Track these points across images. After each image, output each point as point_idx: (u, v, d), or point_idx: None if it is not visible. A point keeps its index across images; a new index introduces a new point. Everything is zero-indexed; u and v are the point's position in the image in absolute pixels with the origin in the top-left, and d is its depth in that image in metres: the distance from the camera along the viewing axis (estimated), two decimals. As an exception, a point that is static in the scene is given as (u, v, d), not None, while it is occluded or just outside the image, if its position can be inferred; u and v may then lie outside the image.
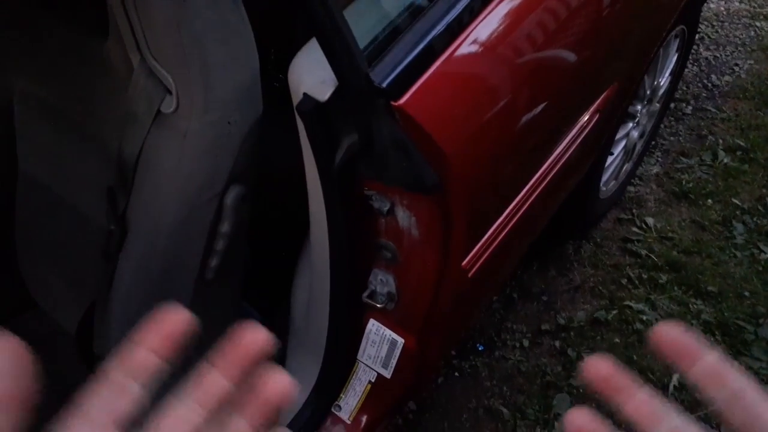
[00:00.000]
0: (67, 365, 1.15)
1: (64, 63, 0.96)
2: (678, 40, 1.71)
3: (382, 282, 1.01)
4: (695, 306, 1.65)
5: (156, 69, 0.78)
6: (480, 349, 1.59)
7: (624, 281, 1.72)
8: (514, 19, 0.95)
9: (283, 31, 1.29)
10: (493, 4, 0.92)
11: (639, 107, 1.69)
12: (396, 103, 0.77)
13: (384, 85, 0.76)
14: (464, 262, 0.97)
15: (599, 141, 1.42)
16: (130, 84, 0.81)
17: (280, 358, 1.25)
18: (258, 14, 0.89)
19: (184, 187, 0.82)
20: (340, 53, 0.74)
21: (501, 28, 0.93)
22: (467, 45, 0.88)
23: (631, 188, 1.93)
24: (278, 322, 1.30)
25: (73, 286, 1.06)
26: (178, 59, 0.76)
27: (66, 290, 1.08)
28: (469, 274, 0.98)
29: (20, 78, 1.03)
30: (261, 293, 1.32)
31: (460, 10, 0.86)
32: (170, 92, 0.79)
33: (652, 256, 1.75)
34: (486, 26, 0.91)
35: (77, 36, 0.92)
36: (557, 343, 1.61)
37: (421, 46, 0.81)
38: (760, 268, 1.72)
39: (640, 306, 1.66)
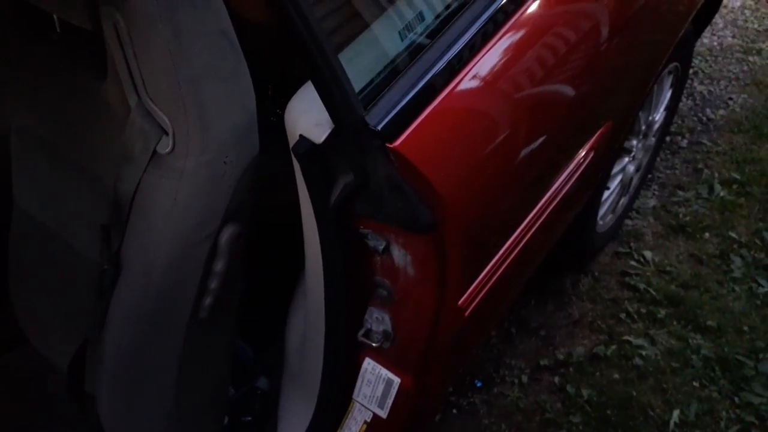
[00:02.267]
0: (57, 403, 1.13)
1: (62, 101, 0.96)
2: (672, 76, 1.73)
3: (378, 320, 1.00)
4: (694, 341, 1.64)
5: (152, 110, 0.79)
6: (478, 385, 1.57)
7: (623, 315, 1.71)
8: (508, 60, 0.97)
9: (281, 68, 1.30)
10: (486, 47, 0.93)
11: (635, 142, 1.70)
12: (391, 145, 0.77)
13: (379, 127, 0.77)
14: (461, 301, 0.96)
15: (596, 176, 1.42)
16: (127, 124, 0.82)
17: (273, 396, 1.23)
18: (256, 52, 0.90)
19: (179, 227, 0.81)
20: (336, 96, 0.74)
21: (495, 69, 0.94)
22: (461, 86, 0.89)
23: (628, 222, 1.93)
24: (272, 359, 1.28)
25: (65, 323, 1.05)
26: (174, 100, 0.76)
27: (58, 327, 1.07)
28: (466, 313, 0.97)
29: (18, 114, 1.03)
30: (255, 330, 1.31)
31: (453, 54, 0.88)
32: (166, 133, 0.79)
33: (651, 290, 1.74)
34: (480, 67, 0.92)
35: (76, 75, 0.93)
36: (556, 379, 1.59)
37: (416, 89, 0.82)
38: (759, 303, 1.71)
39: (640, 341, 1.65)
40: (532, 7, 1.01)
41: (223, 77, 0.79)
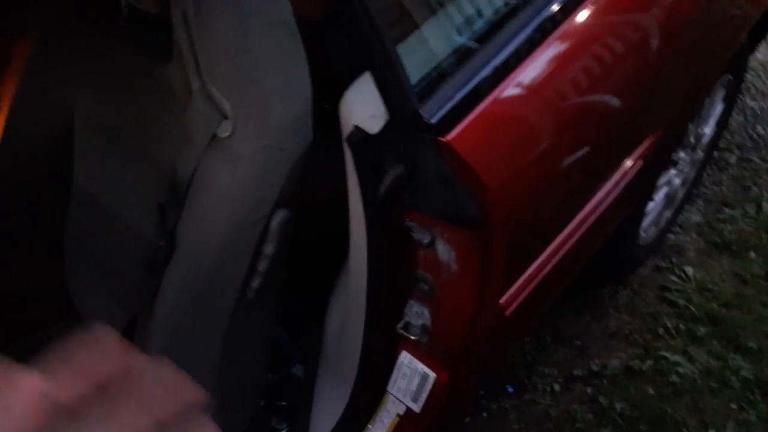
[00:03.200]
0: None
1: (125, 84, 1.01)
2: (724, 89, 1.70)
3: (417, 314, 1.02)
4: (734, 361, 1.60)
5: (214, 94, 0.82)
6: (509, 390, 1.56)
7: (660, 331, 1.68)
8: (562, 64, 0.97)
9: (329, 63, 1.33)
10: (540, 49, 0.94)
11: (682, 154, 1.67)
12: (443, 139, 0.79)
13: (433, 120, 0.78)
14: (502, 300, 0.97)
15: (641, 186, 1.41)
16: (189, 107, 0.85)
17: (308, 382, 1.25)
18: (306, 46, 0.93)
19: (234, 209, 0.84)
20: (393, 88, 0.76)
21: (548, 72, 0.94)
22: (514, 87, 0.90)
23: (671, 236, 1.90)
24: (308, 346, 1.30)
25: (117, 299, 1.09)
26: (236, 86, 0.79)
27: (109, 302, 1.11)
28: (507, 312, 0.98)
29: (82, 96, 1.08)
30: (293, 317, 1.33)
31: (508, 54, 0.89)
32: (227, 117, 0.82)
33: (691, 307, 1.71)
34: (533, 70, 0.93)
35: (140, 59, 0.97)
36: (589, 390, 1.57)
37: (469, 87, 0.83)
38: (805, 327, 1.66)
39: (677, 357, 1.62)
40: (585, 15, 1.01)
41: (283, 66, 0.81)
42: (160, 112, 0.94)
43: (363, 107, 0.82)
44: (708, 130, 1.73)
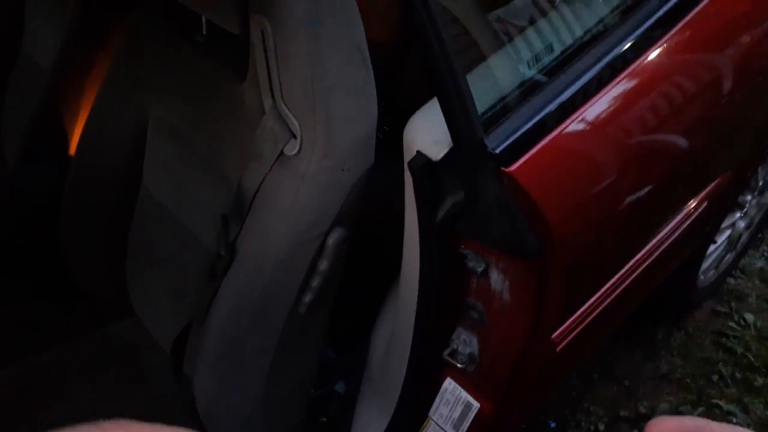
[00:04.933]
0: (153, 375, 1.21)
1: (199, 97, 1.05)
2: (798, 133, 1.63)
3: (465, 342, 1.01)
4: None
5: (285, 114, 0.84)
6: (552, 426, 1.53)
7: (715, 378, 1.62)
8: (630, 102, 0.96)
9: (394, 86, 1.35)
10: (609, 86, 0.93)
11: (749, 197, 1.62)
12: (506, 170, 0.79)
13: (497, 150, 0.78)
14: (554, 335, 0.95)
15: (704, 228, 1.37)
16: (260, 124, 0.88)
17: (350, 399, 1.26)
18: (376, 67, 0.95)
19: (295, 224, 0.86)
20: (459, 116, 0.77)
21: (615, 109, 0.93)
22: (579, 123, 0.89)
23: (731, 281, 1.83)
24: (351, 364, 1.31)
25: (173, 303, 1.12)
26: (306, 108, 0.82)
27: (166, 306, 1.15)
28: (558, 348, 0.96)
29: (156, 104, 1.13)
30: (339, 334, 1.34)
31: (575, 90, 0.88)
32: (295, 136, 0.84)
33: (749, 355, 1.64)
34: (600, 107, 0.92)
35: (216, 74, 1.01)
36: (635, 433, 1.53)
37: (535, 120, 0.83)
38: None
39: (731, 407, 1.55)
40: (657, 53, 1.00)
41: (353, 90, 0.83)
42: (231, 127, 0.97)
43: (427, 133, 0.83)
44: (778, 173, 1.67)
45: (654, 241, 1.13)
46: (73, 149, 1.30)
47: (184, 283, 1.08)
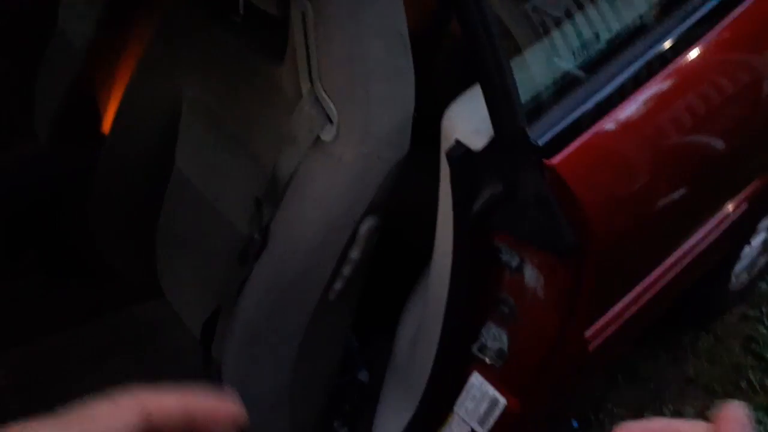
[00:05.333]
0: (181, 357, 1.22)
1: (235, 79, 1.04)
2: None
3: (495, 337, 1.00)
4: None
5: (323, 99, 0.83)
6: (575, 425, 1.51)
7: (743, 384, 1.58)
8: (671, 100, 0.93)
9: (422, 76, 1.33)
10: (651, 83, 0.90)
11: (787, 200, 1.57)
12: (548, 162, 0.77)
13: (540, 142, 0.76)
14: (587, 334, 0.93)
15: (741, 230, 1.33)
16: (296, 108, 0.87)
17: (374, 389, 1.25)
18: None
19: (328, 210, 0.85)
20: (502, 105, 0.75)
21: (657, 106, 0.91)
22: (620, 119, 0.87)
23: (764, 284, 1.79)
24: (376, 352, 1.31)
25: (203, 286, 1.12)
26: (345, 93, 0.80)
27: (195, 289, 1.15)
28: (590, 346, 0.94)
29: (192, 85, 1.12)
30: (363, 323, 1.33)
31: (617, 86, 0.86)
32: (332, 121, 0.83)
33: (780, 363, 1.60)
34: (639, 104, 0.89)
35: (253, 56, 1.00)
36: (659, 436, 1.50)
37: (577, 113, 0.81)
38: None
39: (759, 414, 1.52)
40: (696, 53, 0.97)
41: (392, 77, 0.82)
42: (267, 110, 0.96)
43: (467, 122, 0.81)
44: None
45: (689, 242, 1.11)
46: (106, 127, 1.30)
47: (215, 266, 1.08)
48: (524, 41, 0.93)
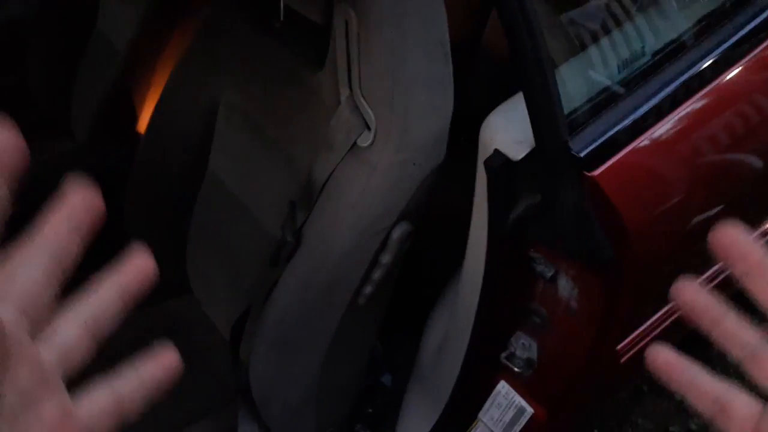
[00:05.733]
0: (207, 355, 1.23)
1: (273, 84, 1.05)
2: None
3: (524, 346, 0.99)
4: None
5: (362, 105, 0.84)
6: (598, 436, 1.50)
7: (771, 400, 1.56)
8: (712, 118, 0.92)
9: (465, 85, 1.33)
10: (689, 102, 0.90)
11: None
12: (589, 174, 0.76)
13: (582, 154, 0.76)
14: (619, 346, 0.93)
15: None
16: (335, 115, 0.88)
17: (397, 393, 1.26)
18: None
19: (362, 216, 0.86)
20: (545, 116, 0.75)
21: (701, 122, 0.90)
22: (661, 135, 0.86)
23: (795, 301, 1.76)
24: (401, 356, 1.31)
25: (233, 287, 1.13)
26: (384, 101, 0.81)
27: (225, 290, 1.16)
28: (622, 359, 0.94)
29: (229, 88, 1.14)
30: (390, 328, 1.34)
31: (659, 100, 0.85)
32: (369, 128, 0.84)
33: (810, 381, 1.57)
34: (680, 121, 0.88)
35: (292, 62, 1.01)
36: (684, 450, 1.48)
37: (622, 125, 0.80)
38: None
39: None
40: (737, 72, 0.96)
41: (432, 85, 0.82)
42: (304, 115, 0.97)
43: (507, 132, 0.81)
44: None
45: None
46: (142, 127, 1.33)
47: (245, 267, 1.09)
48: (561, 54, 0.93)
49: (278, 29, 1.04)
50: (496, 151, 0.81)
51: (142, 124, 1.34)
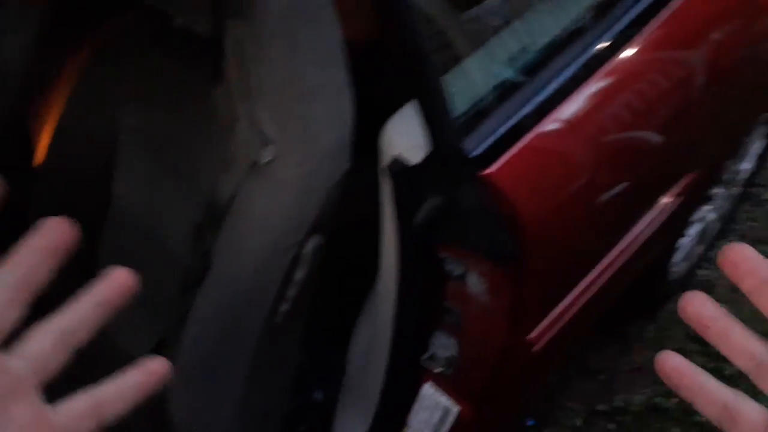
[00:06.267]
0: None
1: (172, 104, 1.02)
2: (766, 127, 1.67)
3: (444, 346, 1.01)
4: (764, 403, 1.56)
5: (261, 119, 0.83)
6: (530, 424, 1.54)
7: (688, 369, 1.65)
8: (604, 101, 0.97)
9: (372, 87, 1.34)
10: (584, 85, 0.94)
11: (718, 190, 1.65)
12: (484, 173, 0.79)
13: (474, 154, 0.78)
14: (531, 336, 0.96)
15: (676, 223, 1.39)
16: (234, 131, 0.86)
17: (329, 408, 1.25)
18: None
19: (270, 233, 0.85)
20: (437, 120, 0.76)
21: (590, 109, 0.94)
22: (553, 125, 0.89)
23: (702, 271, 1.87)
24: (330, 370, 1.30)
25: (147, 317, 1.09)
26: (282, 113, 0.80)
27: (138, 318, 1.12)
28: (535, 348, 0.97)
29: (129, 113, 1.10)
30: (315, 342, 1.33)
31: (550, 91, 0.89)
32: (270, 142, 0.83)
33: (720, 346, 1.67)
34: (575, 106, 0.92)
35: (189, 80, 0.99)
36: (612, 426, 1.54)
37: (511, 122, 0.83)
38: (839, 373, 1.61)
39: (705, 397, 1.59)
40: (630, 53, 1.01)
41: (329, 94, 0.82)
42: (205, 134, 0.95)
43: (405, 137, 0.82)
44: (746, 166, 1.70)
45: (628, 238, 1.15)
46: (39, 158, 1.26)
47: (158, 296, 1.05)
48: (464, 51, 0.95)
49: (175, 49, 1.02)
50: (396, 157, 0.82)
51: (39, 156, 1.27)
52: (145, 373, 0.30)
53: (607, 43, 0.97)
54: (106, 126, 1.10)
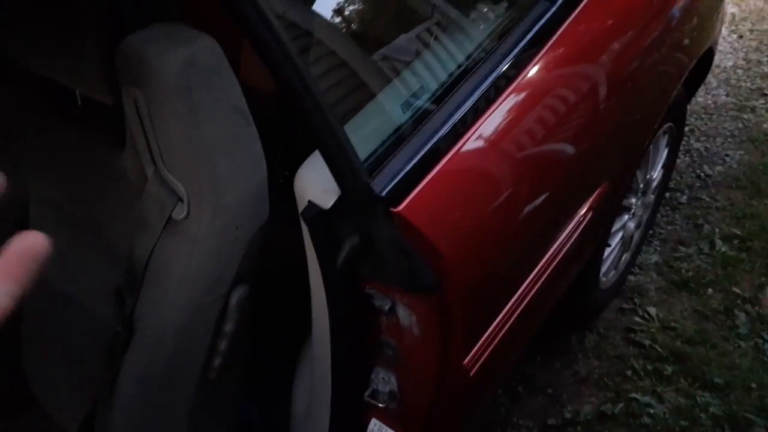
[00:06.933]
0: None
1: (80, 171, 1.01)
2: (667, 136, 1.78)
3: (384, 380, 1.02)
4: (702, 398, 1.63)
5: (168, 179, 0.83)
6: (484, 445, 1.55)
7: (629, 372, 1.70)
8: (508, 123, 1.01)
9: (289, 133, 1.36)
10: (487, 112, 0.98)
11: (633, 200, 1.74)
12: (395, 210, 0.81)
13: (383, 193, 0.80)
14: (465, 360, 0.98)
15: (596, 234, 1.45)
16: (144, 192, 0.86)
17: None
18: (265, 118, 0.95)
19: (191, 290, 0.84)
20: (342, 165, 0.79)
21: (494, 132, 0.98)
22: (462, 151, 0.93)
23: (631, 277, 1.95)
24: (278, 419, 1.28)
25: (77, 387, 1.06)
26: (189, 170, 0.81)
27: (69, 390, 1.09)
28: (471, 372, 0.98)
29: (38, 183, 1.08)
30: (260, 391, 1.31)
31: (454, 121, 0.92)
32: (182, 200, 0.83)
33: (656, 347, 1.74)
34: (479, 132, 0.96)
35: (95, 146, 0.98)
36: (564, 439, 1.58)
37: (418, 156, 0.86)
38: (766, 359, 1.70)
39: (647, 399, 1.64)
40: (533, 72, 1.06)
41: (235, 149, 0.83)
42: (116, 197, 0.95)
43: (315, 182, 0.84)
44: (656, 174, 1.80)
45: (550, 252, 1.19)
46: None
47: (85, 365, 1.03)
48: (375, 90, 0.98)
49: (78, 114, 1.01)
50: (310, 202, 0.83)
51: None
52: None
53: (506, 66, 1.02)
54: (14, 198, 1.08)
